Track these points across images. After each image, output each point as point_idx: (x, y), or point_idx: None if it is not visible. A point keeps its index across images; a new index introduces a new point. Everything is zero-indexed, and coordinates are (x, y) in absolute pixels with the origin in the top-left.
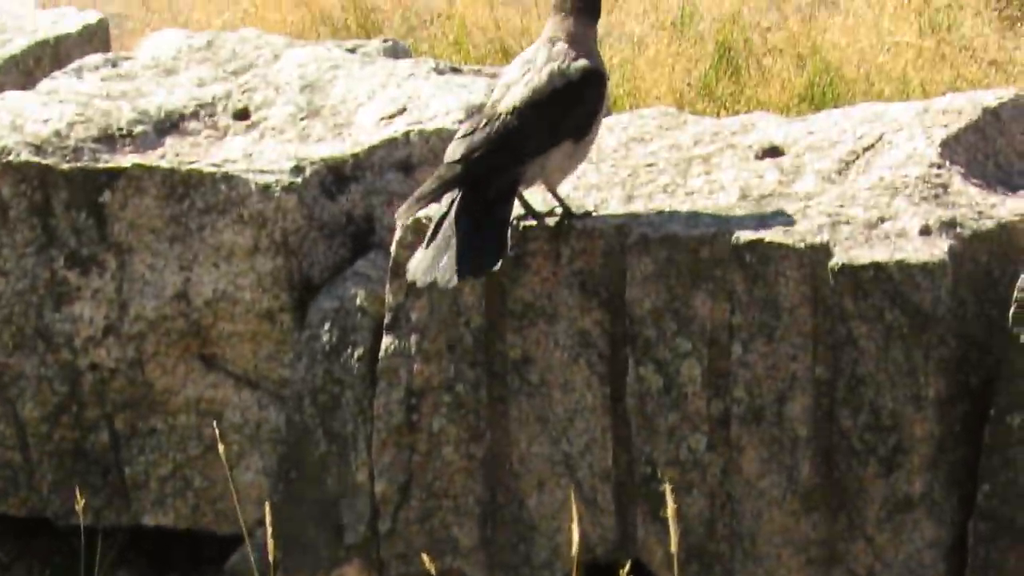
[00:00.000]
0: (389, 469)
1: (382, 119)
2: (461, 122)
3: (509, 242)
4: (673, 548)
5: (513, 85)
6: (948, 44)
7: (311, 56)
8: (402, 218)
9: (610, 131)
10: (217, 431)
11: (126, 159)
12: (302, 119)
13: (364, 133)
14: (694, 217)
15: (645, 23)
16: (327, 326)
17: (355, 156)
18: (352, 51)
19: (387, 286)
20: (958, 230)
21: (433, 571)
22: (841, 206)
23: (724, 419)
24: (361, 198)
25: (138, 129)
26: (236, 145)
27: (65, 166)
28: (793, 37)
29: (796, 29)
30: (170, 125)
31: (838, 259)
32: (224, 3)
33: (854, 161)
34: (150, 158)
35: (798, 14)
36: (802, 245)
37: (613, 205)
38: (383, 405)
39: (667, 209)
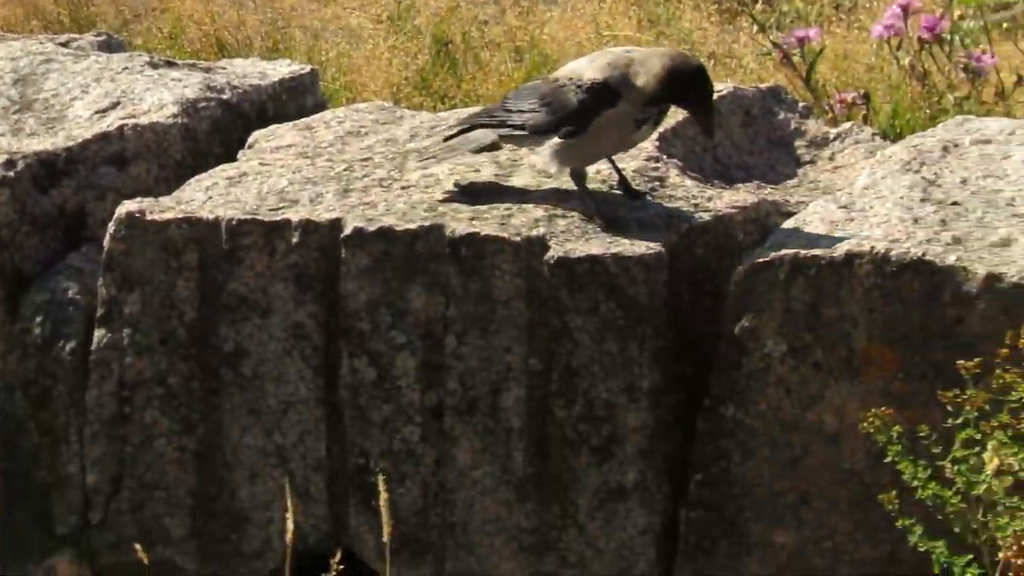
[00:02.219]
0: (101, 461)
1: (96, 113)
2: None
3: None
4: (385, 538)
5: None
6: (667, 37)
7: (23, 50)
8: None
9: (326, 126)
10: None
11: None
12: (14, 113)
13: (77, 127)
14: (410, 211)
15: (362, 17)
16: (39, 319)
17: (68, 150)
18: (65, 45)
19: (100, 279)
20: (675, 223)
21: (145, 561)
22: (557, 200)
23: (438, 411)
24: (74, 192)
25: None
26: None
27: None
28: (511, 31)
29: (514, 23)
30: None
31: (554, 252)
32: None
33: None
34: None
35: (516, 8)
36: (518, 238)
37: (329, 199)
38: (95, 398)
39: (383, 203)
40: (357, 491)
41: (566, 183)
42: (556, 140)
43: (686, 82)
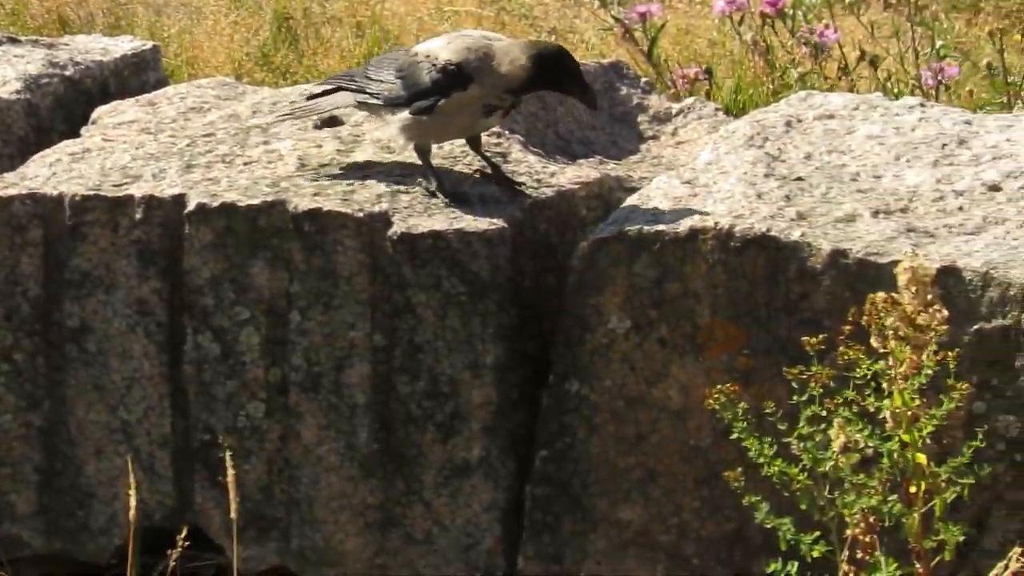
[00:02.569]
0: None
1: None
2: None
3: None
4: (232, 514)
5: None
6: (509, 13)
7: None
8: None
9: (169, 101)
10: None
11: None
12: None
13: None
14: (252, 187)
15: None
16: None
17: None
18: None
19: None
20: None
21: None
22: (400, 175)
23: (282, 387)
24: None
25: None
26: None
27: None
28: (352, 6)
29: None
30: None
31: (397, 228)
32: None
33: None
34: None
35: None
36: (361, 214)
37: (171, 175)
38: None
39: (225, 179)
40: (203, 467)
41: (409, 158)
42: (406, 115)
43: (554, 67)
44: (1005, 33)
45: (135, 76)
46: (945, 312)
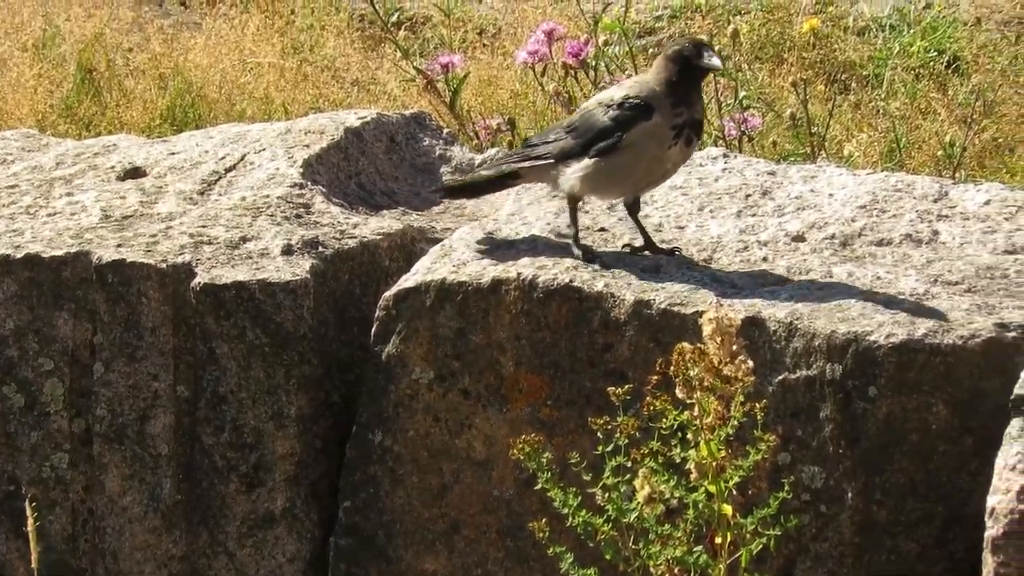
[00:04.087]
0: None
1: None
2: None
3: None
4: (33, 564)
5: None
6: (311, 64)
7: None
8: None
9: None
10: None
11: None
12: None
13: None
14: (56, 238)
15: (7, 44)
16: None
17: None
18: None
19: None
20: (320, 250)
21: None
22: (203, 226)
23: (86, 437)
24: None
25: None
26: None
27: None
28: (155, 59)
29: (158, 50)
30: None
31: (200, 279)
32: None
33: (216, 182)
34: None
35: (160, 35)
36: (164, 265)
37: None
38: None
39: (29, 230)
40: (7, 518)
41: (211, 207)
42: (586, 161)
43: (684, 49)
44: (808, 84)
45: None
46: (750, 363)
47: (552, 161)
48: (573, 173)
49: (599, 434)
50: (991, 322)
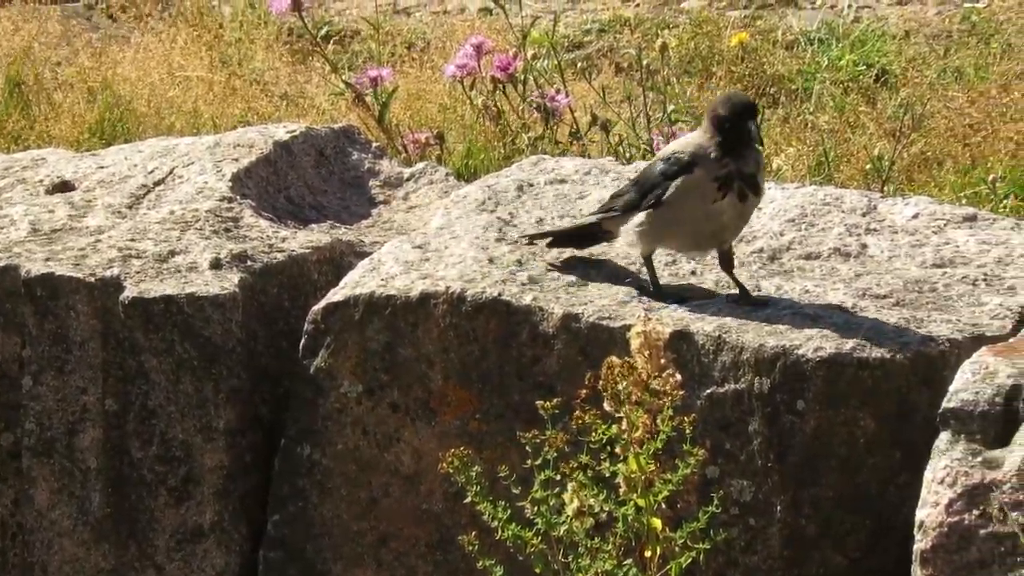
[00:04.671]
0: None
1: None
2: None
3: None
4: None
5: None
6: (240, 78)
7: None
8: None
9: None
10: None
11: None
12: None
13: None
14: None
15: None
16: None
17: None
18: None
19: None
20: (249, 263)
21: None
22: (132, 240)
23: (15, 451)
24: None
25: None
26: None
27: None
28: (84, 72)
29: (87, 63)
30: None
31: (129, 293)
32: None
33: (145, 195)
34: None
35: (89, 49)
36: (92, 279)
37: None
38: None
39: None
40: None
41: (139, 221)
42: (641, 215)
43: (730, 111)
44: None
45: None
46: (679, 376)
47: (619, 213)
48: (631, 226)
49: (528, 447)
50: (919, 336)
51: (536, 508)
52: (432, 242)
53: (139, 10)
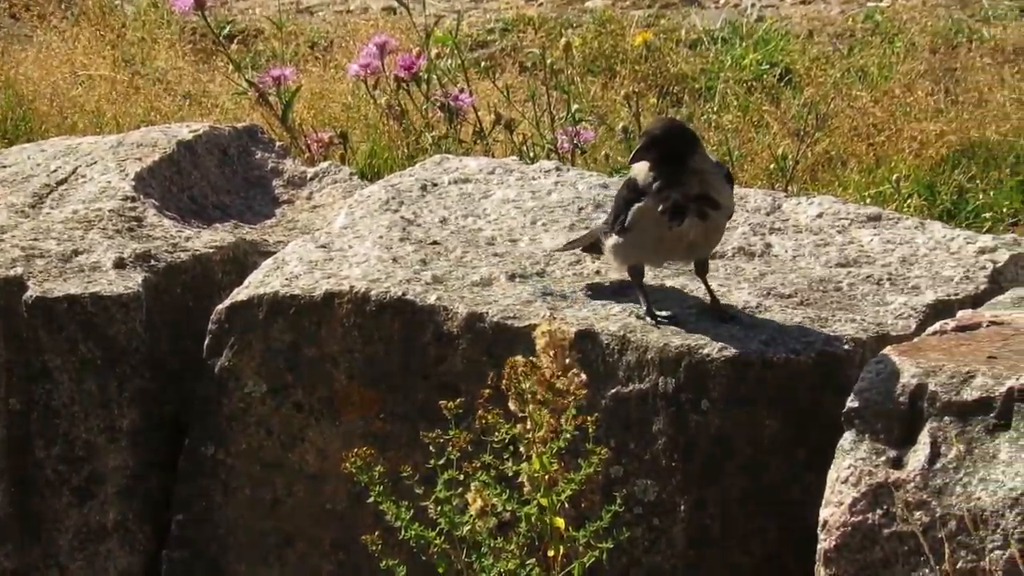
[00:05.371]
0: None
1: None
2: None
3: None
4: None
5: None
6: (143, 77)
7: None
8: None
9: None
10: None
11: None
12: None
13: None
14: None
15: None
16: None
17: None
18: None
19: None
20: (153, 263)
21: None
22: (35, 240)
23: None
24: None
25: None
26: None
27: None
28: None
29: None
30: None
31: (32, 292)
32: None
33: (48, 195)
34: None
35: None
36: None
37: None
38: None
39: None
40: None
41: (42, 221)
42: (614, 237)
43: (660, 136)
44: (641, 97)
45: None
46: (583, 376)
47: (607, 230)
48: (609, 245)
49: (431, 447)
50: (824, 335)
51: (439, 508)
52: (336, 242)
53: (42, 9)
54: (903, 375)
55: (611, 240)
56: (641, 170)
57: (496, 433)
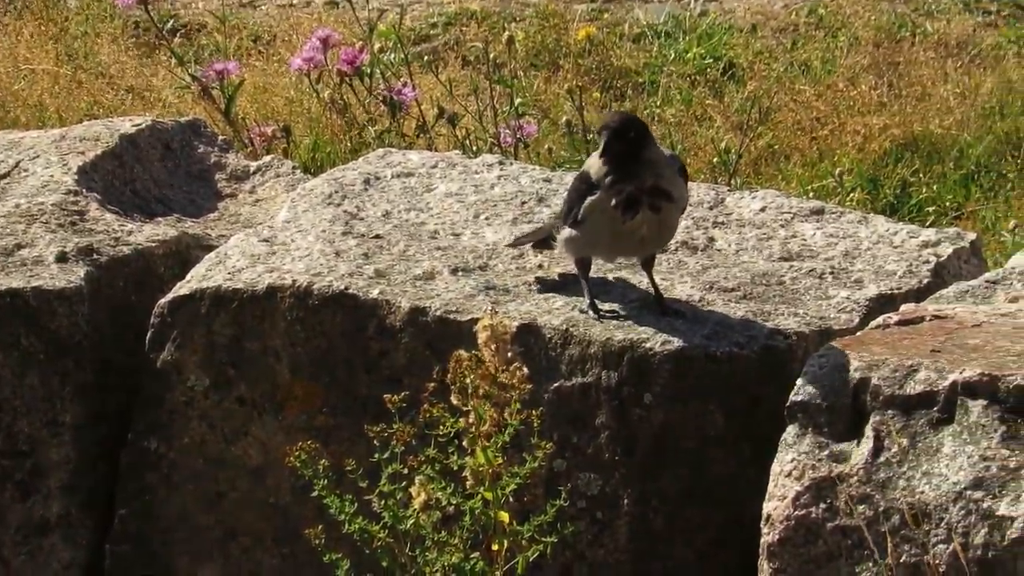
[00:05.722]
0: None
1: None
2: None
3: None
4: None
5: None
6: (85, 71)
7: None
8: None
9: None
10: None
11: None
12: None
13: None
14: None
15: None
16: None
17: None
18: None
19: None
20: (95, 257)
21: None
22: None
23: None
24: None
25: None
26: None
27: None
28: None
29: None
30: None
31: None
32: None
33: None
34: None
35: None
36: None
37: None
38: None
39: None
40: None
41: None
42: (567, 230)
43: (616, 131)
44: (584, 90)
45: None
46: (525, 370)
47: (556, 226)
48: (561, 238)
49: (375, 441)
50: (767, 329)
51: (383, 502)
52: (279, 235)
53: None
54: (846, 369)
55: (564, 233)
56: (594, 163)
57: (440, 427)
